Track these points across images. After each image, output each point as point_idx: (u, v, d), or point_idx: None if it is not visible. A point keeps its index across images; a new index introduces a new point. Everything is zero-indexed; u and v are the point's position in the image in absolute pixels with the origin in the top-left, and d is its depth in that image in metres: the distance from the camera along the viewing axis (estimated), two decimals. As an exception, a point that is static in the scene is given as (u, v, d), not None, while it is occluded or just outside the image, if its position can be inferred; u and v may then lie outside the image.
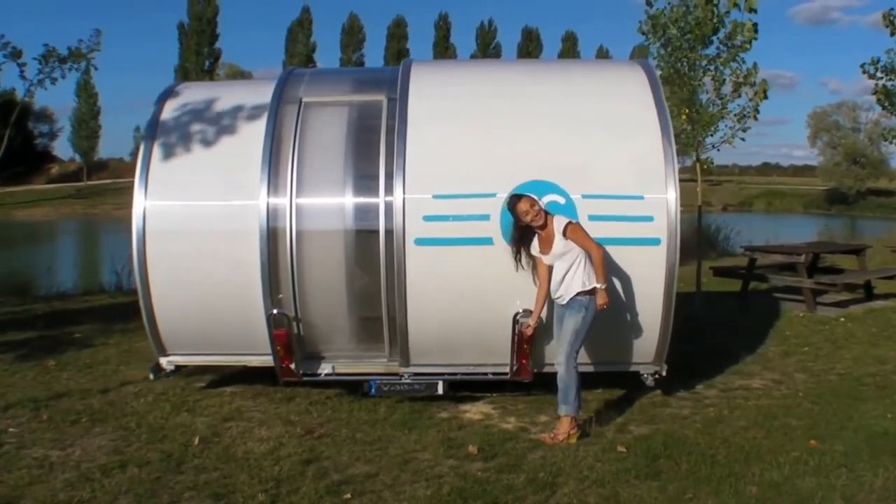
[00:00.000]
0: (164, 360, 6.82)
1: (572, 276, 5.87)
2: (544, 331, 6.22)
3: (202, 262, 6.43)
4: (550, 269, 5.97)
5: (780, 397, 7.11)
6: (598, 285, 5.82)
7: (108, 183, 70.55)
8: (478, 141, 6.45)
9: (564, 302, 5.94)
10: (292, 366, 6.40)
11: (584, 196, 6.14)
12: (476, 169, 6.34)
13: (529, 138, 6.44)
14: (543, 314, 6.13)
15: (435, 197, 6.21)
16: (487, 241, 6.18)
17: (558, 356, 5.96)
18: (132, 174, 6.65)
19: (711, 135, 10.64)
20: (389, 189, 6.23)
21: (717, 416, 6.56)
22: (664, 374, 6.64)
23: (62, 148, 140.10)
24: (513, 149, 6.40)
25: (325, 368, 6.56)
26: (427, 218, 6.16)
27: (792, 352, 8.83)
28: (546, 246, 5.95)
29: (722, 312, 11.07)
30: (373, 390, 6.48)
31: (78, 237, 40.64)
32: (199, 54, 74.11)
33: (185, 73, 72.79)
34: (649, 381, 6.73)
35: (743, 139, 10.65)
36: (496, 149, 6.41)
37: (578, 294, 5.85)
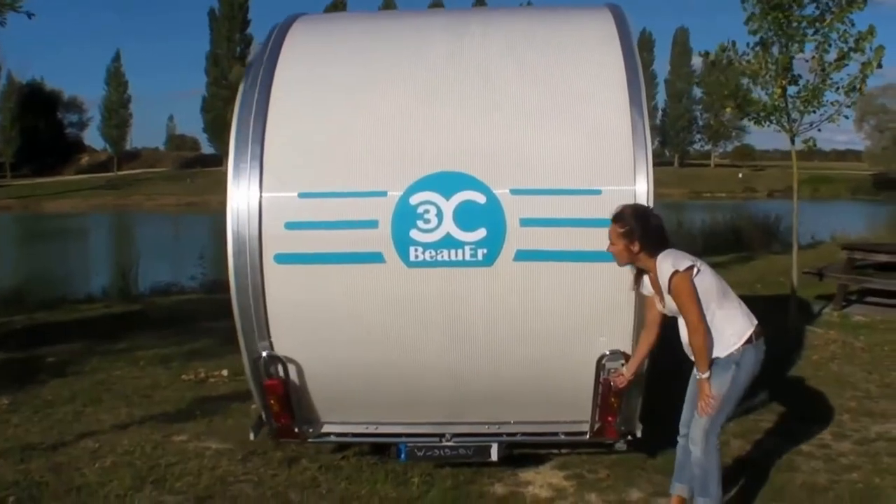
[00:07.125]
0: None
1: None
2: (637, 384, 4.48)
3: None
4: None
5: (938, 453, 5.38)
6: (699, 375, 4.13)
7: (139, 173, 70.15)
8: (365, 120, 4.59)
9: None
10: (293, 427, 4.73)
11: (513, 192, 4.29)
12: (360, 158, 4.51)
13: (438, 115, 4.56)
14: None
15: (301, 196, 4.48)
16: (376, 258, 4.39)
17: (694, 430, 4.21)
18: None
19: (813, 111, 8.86)
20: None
21: (866, 486, 4.89)
22: (639, 434, 4.74)
23: (94, 138, 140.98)
24: (414, 130, 4.53)
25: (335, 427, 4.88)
26: (290, 225, 4.45)
27: (927, 381, 7.04)
28: (658, 292, 4.20)
29: (821, 324, 9.27)
30: (402, 455, 4.78)
31: (101, 232, 39.05)
32: (231, 41, 74.49)
33: (217, 59, 72.90)
34: (620, 445, 4.86)
35: (847, 117, 8.95)
36: (391, 131, 4.54)
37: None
